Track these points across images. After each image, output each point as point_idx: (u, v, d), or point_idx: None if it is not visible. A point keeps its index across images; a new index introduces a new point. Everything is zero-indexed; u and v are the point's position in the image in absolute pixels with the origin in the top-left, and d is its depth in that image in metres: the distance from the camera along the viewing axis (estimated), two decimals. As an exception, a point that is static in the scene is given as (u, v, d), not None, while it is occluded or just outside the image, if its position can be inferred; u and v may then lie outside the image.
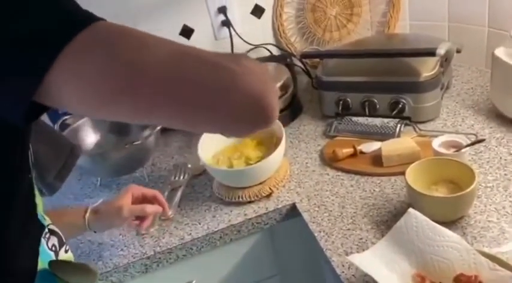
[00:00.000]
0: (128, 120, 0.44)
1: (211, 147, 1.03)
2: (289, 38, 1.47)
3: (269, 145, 1.02)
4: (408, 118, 1.07)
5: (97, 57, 0.37)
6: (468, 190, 0.73)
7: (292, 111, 1.24)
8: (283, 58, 1.43)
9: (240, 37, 1.41)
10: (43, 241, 0.56)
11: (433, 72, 1.01)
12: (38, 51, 0.36)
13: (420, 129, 1.03)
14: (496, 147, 0.93)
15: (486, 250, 0.68)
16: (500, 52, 0.97)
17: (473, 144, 0.83)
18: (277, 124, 1.00)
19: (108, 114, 0.42)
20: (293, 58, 1.45)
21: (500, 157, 0.90)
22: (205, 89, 0.40)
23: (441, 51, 0.95)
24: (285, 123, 1.22)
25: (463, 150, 0.83)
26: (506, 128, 0.98)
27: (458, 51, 1.09)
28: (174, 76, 0.39)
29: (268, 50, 1.46)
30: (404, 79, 1.03)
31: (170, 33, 1.39)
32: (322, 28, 1.43)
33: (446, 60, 1.05)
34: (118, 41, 0.39)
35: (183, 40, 1.41)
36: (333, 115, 1.16)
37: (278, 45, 1.48)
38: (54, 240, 0.59)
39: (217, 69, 0.41)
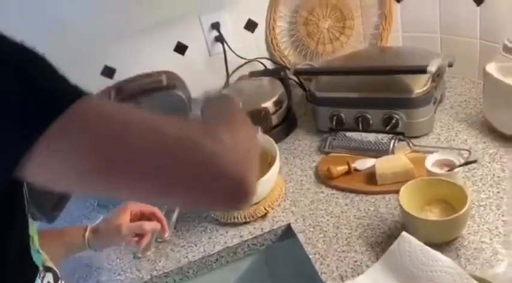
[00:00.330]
0: (108, 196, 0.45)
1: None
2: (283, 51, 1.48)
3: (264, 164, 1.02)
4: (402, 133, 1.07)
5: (77, 139, 0.38)
6: (460, 213, 0.73)
7: (286, 125, 1.25)
8: (277, 72, 1.43)
9: (234, 52, 1.41)
10: (38, 281, 0.56)
11: (425, 88, 1.02)
12: (19, 130, 0.37)
13: (414, 145, 1.04)
14: (489, 163, 0.94)
15: (479, 273, 0.69)
16: (491, 68, 0.98)
17: (465, 164, 0.84)
18: (271, 143, 1.00)
19: (87, 191, 0.44)
20: (287, 71, 1.45)
21: (493, 174, 0.90)
22: (182, 170, 0.40)
23: (432, 68, 0.95)
24: (280, 138, 1.22)
25: (455, 170, 0.84)
26: (500, 143, 0.98)
27: (450, 65, 1.10)
28: (152, 157, 0.40)
29: (263, 63, 1.47)
30: (396, 95, 1.04)
31: (165, 49, 1.40)
32: (315, 41, 1.43)
33: (438, 75, 1.06)
34: (98, 123, 0.40)
35: (177, 56, 1.42)
36: (327, 130, 1.17)
37: (272, 59, 1.48)
38: (49, 278, 0.59)
39: (195, 149, 0.41)
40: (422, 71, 0.96)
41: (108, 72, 1.38)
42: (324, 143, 1.13)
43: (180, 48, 1.41)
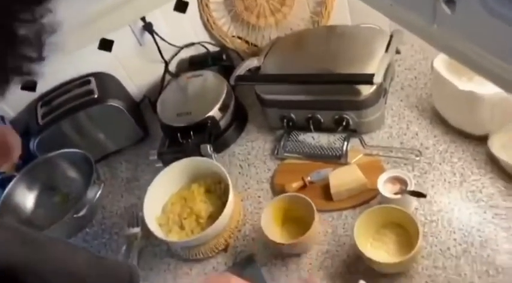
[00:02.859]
0: None
1: (158, 201, 1.00)
2: (221, 28, 1.35)
3: (217, 191, 0.99)
4: (354, 130, 1.05)
5: None
6: (410, 255, 0.75)
7: (237, 125, 1.19)
8: (219, 55, 1.33)
9: (164, 40, 1.28)
10: None
11: (373, 90, 0.96)
12: None
13: (366, 144, 1.02)
14: (440, 164, 0.94)
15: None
16: (438, 63, 0.92)
17: (415, 195, 0.83)
18: (222, 171, 0.96)
19: None
20: (229, 51, 1.35)
21: (444, 180, 0.91)
22: None
23: (378, 78, 0.89)
24: (232, 140, 1.18)
25: (406, 195, 0.83)
26: (450, 137, 0.98)
27: (397, 52, 1.04)
28: None
29: (204, 46, 1.35)
30: (344, 98, 0.99)
31: (88, 49, 1.24)
32: (255, 15, 1.31)
33: (386, 68, 1.00)
34: None
35: (103, 54, 1.27)
36: (279, 126, 1.12)
37: (210, 41, 1.36)
38: None
39: None
40: (368, 81, 0.90)
41: (29, 85, 1.24)
42: (277, 149, 1.09)
43: (105, 45, 1.27)
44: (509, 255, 0.77)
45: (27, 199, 1.11)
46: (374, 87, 0.96)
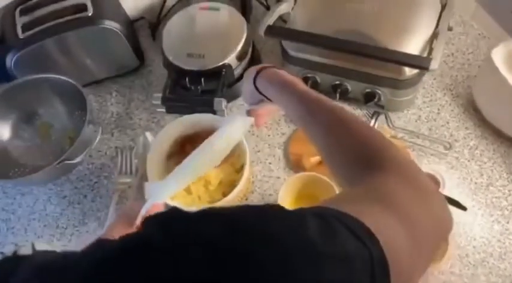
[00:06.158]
0: None
1: (162, 155, 0.90)
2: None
3: (230, 156, 0.90)
4: (382, 106, 0.96)
5: None
6: (441, 262, 0.72)
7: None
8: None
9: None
10: None
11: (417, 71, 0.87)
12: None
13: (393, 125, 0.95)
14: (468, 161, 0.89)
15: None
16: (497, 54, 0.83)
17: (452, 204, 0.78)
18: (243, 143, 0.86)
19: None
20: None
21: (471, 180, 0.87)
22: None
23: (435, 65, 0.79)
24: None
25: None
26: (481, 131, 0.92)
27: (449, 29, 0.92)
28: None
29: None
30: (383, 74, 0.88)
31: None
32: None
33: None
34: None
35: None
36: (298, 85, 1.02)
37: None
38: None
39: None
40: (423, 67, 0.80)
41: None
42: (294, 112, 0.99)
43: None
44: (527, 271, 0.76)
45: (2, 126, 0.96)
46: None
